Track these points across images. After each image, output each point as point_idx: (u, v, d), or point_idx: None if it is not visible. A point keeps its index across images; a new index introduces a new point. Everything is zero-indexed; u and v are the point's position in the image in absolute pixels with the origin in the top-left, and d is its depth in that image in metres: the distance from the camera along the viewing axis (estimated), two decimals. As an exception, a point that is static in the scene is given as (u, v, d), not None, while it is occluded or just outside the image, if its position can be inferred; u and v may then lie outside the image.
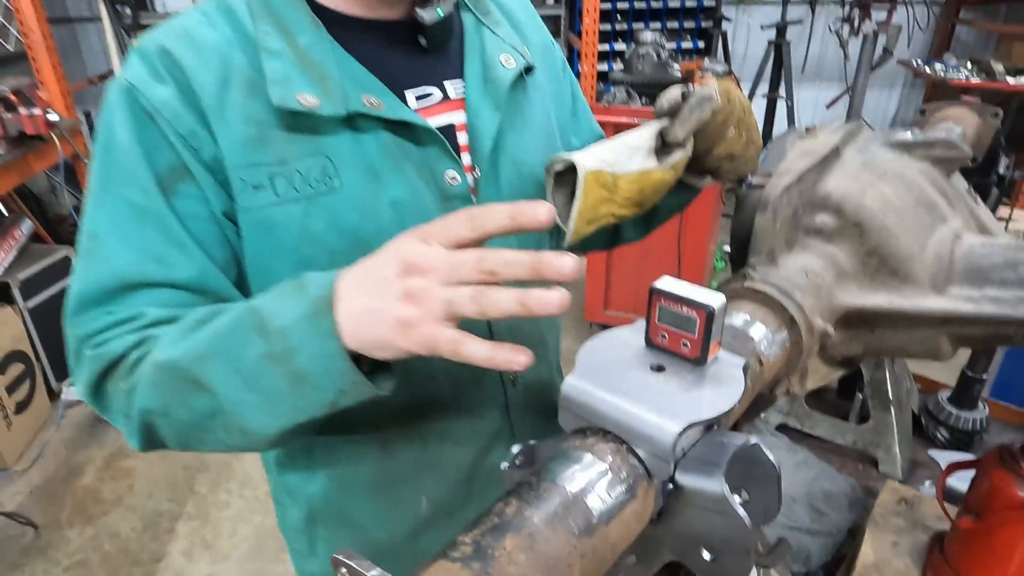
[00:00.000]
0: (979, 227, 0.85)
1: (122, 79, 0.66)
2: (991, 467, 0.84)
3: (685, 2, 4.49)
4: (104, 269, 0.65)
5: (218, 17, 0.68)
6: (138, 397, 0.62)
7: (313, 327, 0.54)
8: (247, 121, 0.65)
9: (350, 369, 0.54)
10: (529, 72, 0.80)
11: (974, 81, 3.93)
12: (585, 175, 0.70)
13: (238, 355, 0.57)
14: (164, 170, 0.64)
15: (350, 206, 0.68)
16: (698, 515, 0.53)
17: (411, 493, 0.81)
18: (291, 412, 0.58)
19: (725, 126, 0.75)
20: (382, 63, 0.71)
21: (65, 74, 3.02)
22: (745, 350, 0.66)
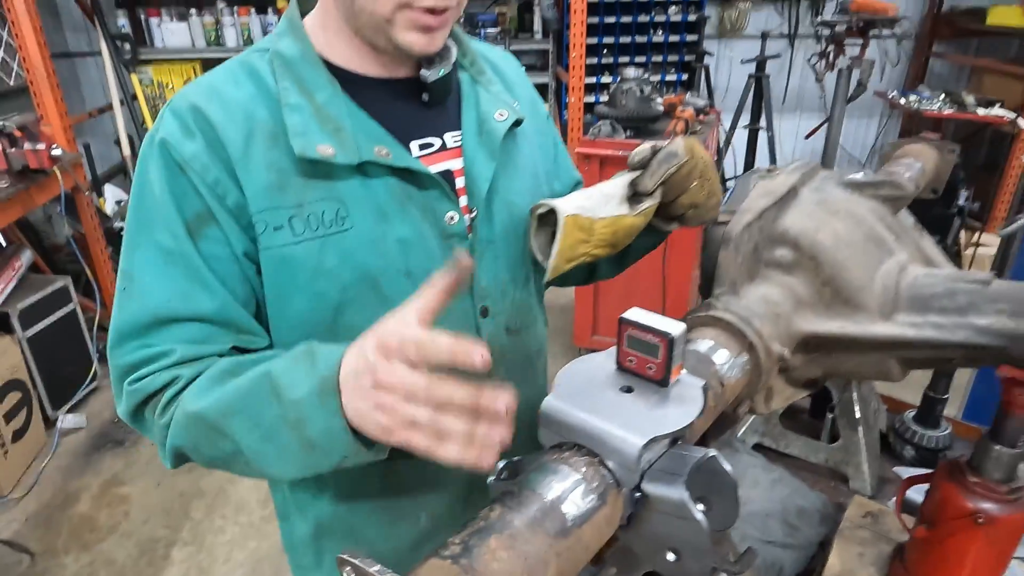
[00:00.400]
0: (924, 259, 0.93)
1: (157, 134, 0.74)
2: (941, 480, 0.90)
3: (669, 37, 4.64)
4: (138, 306, 0.73)
5: (243, 76, 0.77)
6: (171, 435, 0.71)
7: (322, 405, 0.62)
8: (269, 169, 0.73)
9: (353, 442, 0.62)
10: (519, 124, 0.89)
11: (946, 112, 4.08)
12: (565, 219, 0.79)
13: (257, 414, 0.66)
14: (191, 216, 0.73)
15: (360, 244, 0.76)
16: (662, 520, 0.60)
17: (412, 508, 0.88)
18: (303, 467, 0.67)
19: (689, 178, 0.84)
20: (390, 116, 0.79)
21: (65, 108, 3.11)
22: (707, 373, 0.74)
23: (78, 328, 3.13)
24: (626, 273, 1.13)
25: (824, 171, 0.99)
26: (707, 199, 0.86)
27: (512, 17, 4.60)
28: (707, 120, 3.10)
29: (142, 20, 4.51)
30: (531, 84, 1.01)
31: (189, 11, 4.47)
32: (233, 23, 4.48)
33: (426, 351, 0.56)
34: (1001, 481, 0.86)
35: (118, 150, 4.47)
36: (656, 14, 4.62)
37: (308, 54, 0.78)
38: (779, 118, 4.89)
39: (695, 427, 0.70)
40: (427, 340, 0.56)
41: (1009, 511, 0.85)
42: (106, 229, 3.44)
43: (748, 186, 0.95)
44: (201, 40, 4.51)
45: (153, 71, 4.45)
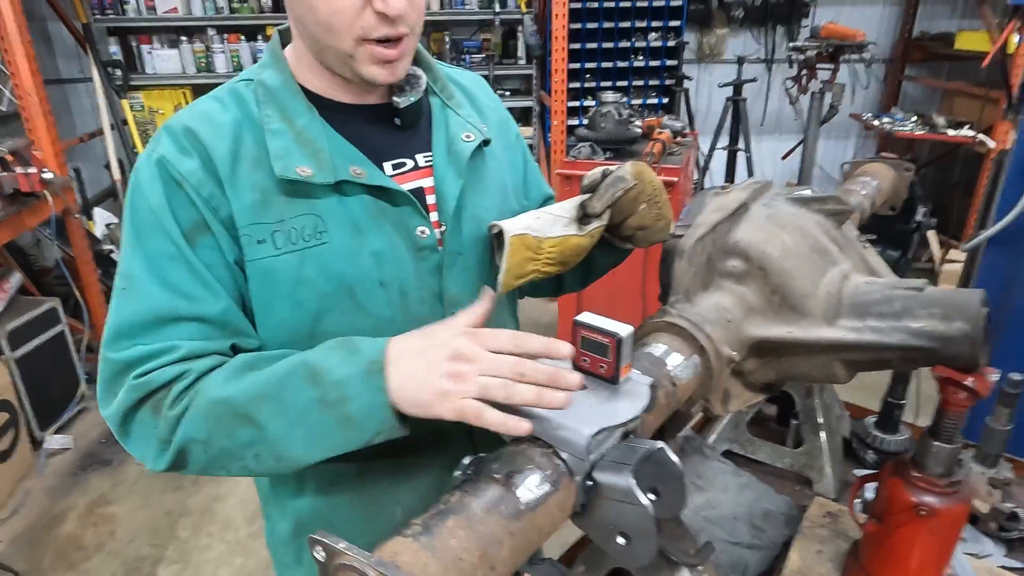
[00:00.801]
0: (868, 269, 1.00)
1: (154, 153, 0.80)
2: (888, 477, 0.96)
3: (649, 62, 4.77)
4: (140, 305, 0.77)
5: (230, 103, 0.84)
6: (183, 425, 0.74)
7: (367, 383, 0.69)
8: (253, 189, 0.80)
9: (391, 417, 0.70)
10: (487, 144, 0.96)
11: (918, 133, 4.21)
12: (511, 239, 0.85)
13: (290, 398, 0.71)
14: (188, 226, 0.78)
15: (337, 256, 0.82)
16: (613, 507, 0.65)
17: (388, 503, 0.93)
18: (331, 447, 0.73)
19: (636, 202, 0.90)
20: (365, 139, 0.86)
21: (57, 133, 3.16)
22: (660, 374, 0.79)
23: (66, 349, 3.15)
24: (608, 288, 1.19)
25: (774, 188, 1.06)
26: (655, 222, 0.92)
27: (496, 43, 4.72)
28: (684, 142, 3.20)
29: (133, 47, 4.60)
30: (502, 105, 1.08)
31: (180, 39, 4.56)
32: (223, 50, 4.57)
33: (521, 343, 0.68)
34: (941, 476, 0.92)
35: (108, 174, 4.52)
36: (636, 40, 4.76)
37: (289, 83, 0.85)
38: (758, 139, 5.01)
39: (647, 423, 0.76)
40: (522, 335, 0.68)
41: (948, 503, 0.91)
42: (96, 252, 3.48)
43: (703, 202, 1.02)
44: (191, 67, 4.59)
45: (144, 97, 4.52)
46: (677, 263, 0.92)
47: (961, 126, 4.12)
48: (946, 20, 5.15)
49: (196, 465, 0.77)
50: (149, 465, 0.79)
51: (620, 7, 4.64)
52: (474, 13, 4.64)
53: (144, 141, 4.54)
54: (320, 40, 0.79)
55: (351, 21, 0.76)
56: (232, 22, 4.53)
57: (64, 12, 4.30)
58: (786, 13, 4.98)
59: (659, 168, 2.89)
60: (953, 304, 0.84)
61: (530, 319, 4.01)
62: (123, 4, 4.35)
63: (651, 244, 0.97)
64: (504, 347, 0.68)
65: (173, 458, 0.76)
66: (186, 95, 4.61)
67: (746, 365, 0.95)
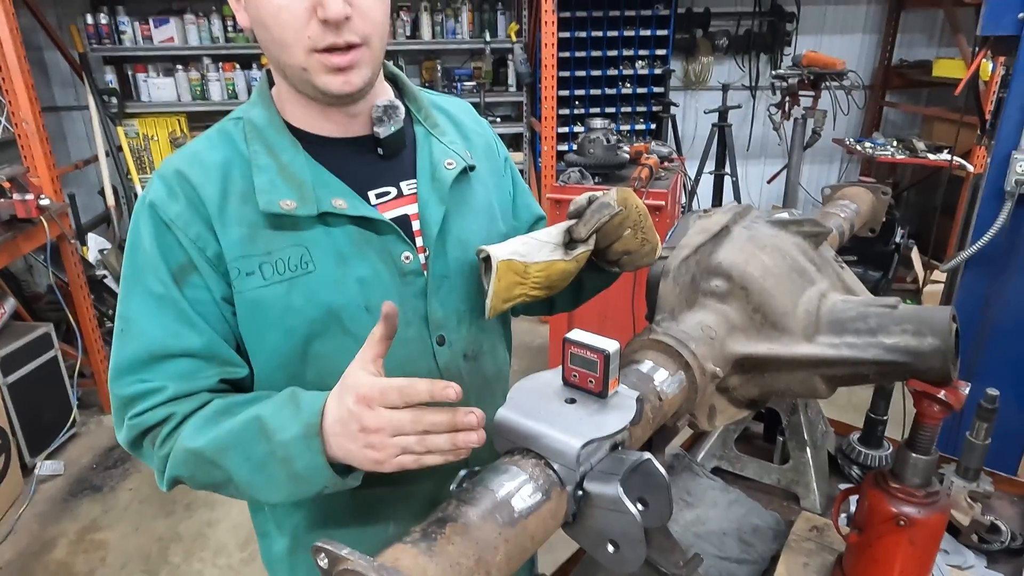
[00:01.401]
0: (845, 288, 1.04)
1: (147, 197, 0.86)
2: (868, 488, 0.99)
3: (636, 89, 4.88)
4: (135, 345, 0.84)
5: (219, 141, 0.89)
6: (169, 466, 0.83)
7: (307, 446, 0.74)
8: (241, 224, 0.84)
9: (333, 475, 0.75)
10: (471, 170, 0.99)
11: (899, 157, 4.32)
12: (498, 263, 0.87)
13: (249, 450, 0.78)
14: (176, 267, 0.84)
15: (323, 285, 0.86)
16: (602, 515, 0.68)
17: (382, 520, 0.95)
18: (289, 495, 0.80)
19: (622, 227, 0.92)
20: (348, 170, 0.89)
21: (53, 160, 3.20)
22: (647, 388, 0.83)
23: (59, 375, 3.15)
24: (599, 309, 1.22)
25: (755, 211, 1.11)
26: (641, 246, 0.95)
27: (487, 71, 4.82)
28: (672, 167, 3.27)
29: (129, 76, 4.66)
30: (490, 129, 1.11)
31: (175, 67, 4.62)
32: (218, 78, 4.64)
33: (408, 395, 0.69)
34: (919, 486, 0.96)
35: (102, 200, 4.55)
36: (624, 68, 4.87)
37: (274, 120, 0.89)
38: (744, 164, 5.11)
39: (635, 436, 0.79)
40: (407, 386, 0.69)
41: (927, 513, 0.94)
42: (89, 277, 3.50)
43: (687, 225, 1.06)
44: (187, 94, 4.66)
45: (139, 124, 4.57)
46: (662, 283, 0.96)
47: (940, 150, 4.22)
48: (924, 48, 5.31)
49: (195, 488, 0.86)
50: (158, 484, 0.88)
51: (608, 36, 4.77)
52: (465, 42, 4.74)
53: (138, 167, 4.58)
54: (279, 59, 0.83)
55: (299, 33, 0.78)
56: (227, 51, 4.60)
57: (62, 42, 4.37)
58: (769, 42, 5.12)
59: (647, 192, 2.95)
60: (924, 320, 0.88)
61: (522, 342, 4.04)
62: (120, 34, 4.41)
63: (637, 268, 0.99)
64: (396, 404, 0.70)
65: (172, 484, 0.87)
66: (181, 122, 4.67)
67: (730, 381, 0.99)
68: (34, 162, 3.07)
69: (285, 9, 0.77)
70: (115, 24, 4.39)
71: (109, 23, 4.37)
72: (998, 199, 2.03)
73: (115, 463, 3.11)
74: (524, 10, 4.78)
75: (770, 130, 4.15)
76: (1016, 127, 1.97)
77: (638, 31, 4.78)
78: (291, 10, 0.77)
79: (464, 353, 0.98)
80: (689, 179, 4.30)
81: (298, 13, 0.77)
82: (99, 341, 3.41)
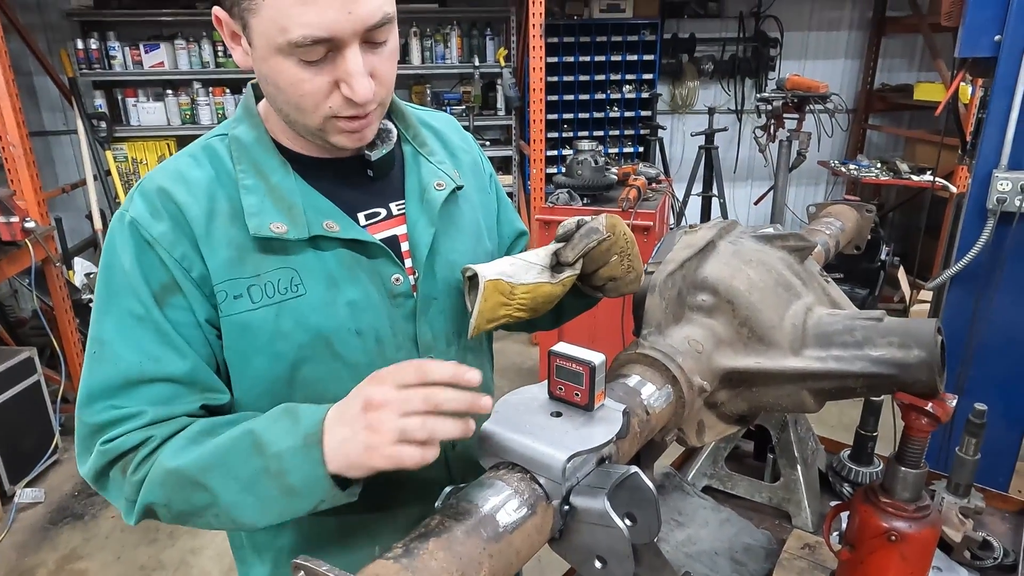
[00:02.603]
0: (830, 302, 1.04)
1: (127, 214, 0.82)
2: (859, 504, 0.98)
3: (624, 113, 4.94)
4: (109, 369, 0.79)
5: (204, 159, 0.86)
6: (143, 491, 0.77)
7: (305, 456, 0.70)
8: (228, 245, 0.81)
9: (332, 487, 0.71)
10: (460, 189, 0.98)
11: (883, 179, 4.38)
12: (485, 283, 0.87)
13: (237, 467, 0.73)
14: (158, 287, 0.80)
15: (313, 308, 0.84)
16: (589, 530, 0.67)
17: (367, 542, 0.93)
18: (279, 513, 0.75)
19: (609, 253, 0.91)
20: (338, 192, 0.88)
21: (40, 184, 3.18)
22: (634, 403, 0.82)
23: (41, 400, 3.10)
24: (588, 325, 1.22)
25: (740, 226, 1.11)
26: (626, 273, 0.94)
27: (476, 95, 4.86)
28: (659, 188, 3.30)
29: (119, 100, 4.67)
30: (475, 146, 1.10)
31: (165, 92, 4.64)
32: (208, 102, 4.66)
33: (425, 371, 0.67)
34: (909, 500, 0.95)
35: (89, 224, 4.53)
36: (612, 92, 4.94)
37: (262, 139, 0.86)
38: (732, 186, 5.17)
39: (622, 450, 0.78)
40: (427, 362, 0.68)
41: (917, 528, 0.93)
42: (74, 301, 3.46)
43: (673, 240, 1.07)
44: (176, 119, 4.67)
45: (127, 147, 4.57)
46: (649, 298, 0.96)
47: (924, 172, 4.29)
48: (905, 72, 5.42)
49: (164, 520, 0.80)
50: (124, 518, 0.82)
51: (595, 61, 4.84)
52: (454, 67, 4.80)
53: (127, 191, 4.57)
54: (289, 115, 0.82)
55: (319, 103, 0.78)
56: (217, 76, 4.63)
57: (51, 67, 4.38)
58: (753, 66, 5.21)
59: (635, 213, 2.97)
60: (910, 333, 0.88)
61: (512, 364, 4.02)
62: (110, 59, 4.43)
63: (621, 295, 0.98)
64: (409, 381, 0.67)
65: (140, 516, 0.80)
66: (170, 146, 4.67)
67: (719, 396, 0.98)
68: (20, 185, 3.05)
69: (306, 83, 0.76)
70: (105, 49, 4.41)
71: (99, 48, 4.39)
72: (981, 217, 2.06)
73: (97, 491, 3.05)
74: (512, 36, 4.85)
75: (756, 152, 4.21)
76: (996, 147, 2.01)
77: (625, 56, 4.86)
78: (312, 83, 0.76)
79: None
80: (677, 201, 4.34)
81: (320, 87, 0.76)
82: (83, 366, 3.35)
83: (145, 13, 4.45)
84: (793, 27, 5.24)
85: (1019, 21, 1.90)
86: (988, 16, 1.95)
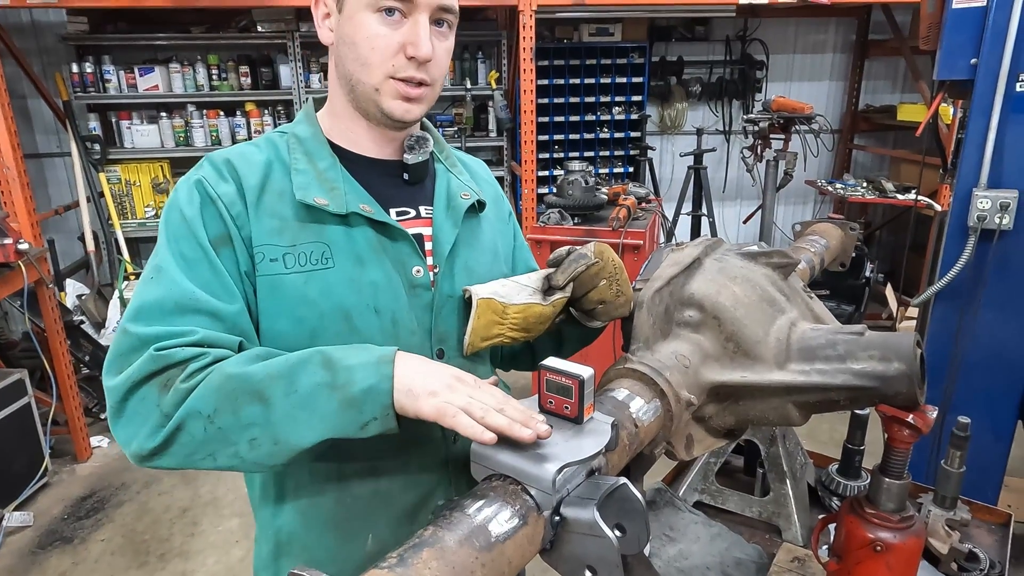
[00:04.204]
0: (814, 317, 1.07)
1: (196, 176, 0.92)
2: (845, 515, 1.00)
3: (614, 134, 5.01)
4: (165, 291, 0.85)
5: (265, 146, 0.98)
6: (193, 397, 0.78)
7: (376, 369, 0.78)
8: (272, 216, 0.92)
9: (389, 404, 0.76)
10: (482, 207, 1.08)
11: (869, 198, 4.45)
12: (478, 301, 0.93)
13: (303, 380, 0.78)
14: (215, 236, 0.89)
15: (339, 281, 0.92)
16: (579, 541, 0.68)
17: (362, 529, 0.96)
18: (326, 429, 0.78)
19: (597, 277, 0.98)
20: (376, 187, 0.98)
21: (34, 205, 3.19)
22: (623, 416, 0.84)
23: (32, 423, 3.08)
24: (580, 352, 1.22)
25: (725, 244, 1.14)
26: (615, 297, 1.00)
27: (468, 117, 4.92)
28: (649, 207, 3.34)
29: (113, 123, 4.69)
30: (499, 186, 1.21)
31: (159, 114, 4.67)
32: (202, 125, 4.69)
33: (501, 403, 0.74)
34: (894, 511, 0.97)
35: (81, 246, 4.53)
36: (602, 113, 5.02)
37: (317, 135, 0.99)
38: (720, 205, 5.23)
39: (612, 462, 0.80)
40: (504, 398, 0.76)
41: (902, 538, 0.95)
42: (66, 323, 3.45)
43: (660, 258, 1.09)
44: (170, 141, 4.69)
45: (121, 170, 4.58)
46: (637, 314, 0.99)
47: (909, 190, 4.36)
48: (888, 94, 5.53)
49: (188, 446, 0.79)
50: (137, 445, 0.80)
51: (585, 83, 4.92)
52: (446, 90, 4.85)
53: (120, 213, 4.58)
54: (356, 75, 0.93)
55: (385, 60, 0.90)
56: (212, 99, 4.67)
57: (46, 90, 4.41)
58: (740, 88, 5.31)
59: (625, 232, 3.01)
60: (890, 346, 0.91)
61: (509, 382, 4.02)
62: (105, 82, 4.47)
63: (611, 319, 1.03)
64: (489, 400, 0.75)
65: (168, 434, 0.78)
66: (164, 168, 4.69)
67: (707, 410, 1.00)
68: (14, 207, 3.06)
69: (381, 37, 0.90)
70: (100, 73, 4.44)
71: (94, 72, 4.42)
72: (962, 235, 2.11)
73: (87, 513, 3.02)
74: (504, 59, 4.93)
75: (744, 172, 4.28)
76: (975, 166, 2.06)
77: (614, 78, 4.94)
78: (385, 39, 0.90)
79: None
80: (667, 220, 4.39)
81: (391, 43, 0.90)
82: (74, 388, 3.34)
83: (140, 37, 4.49)
84: (778, 50, 5.35)
85: (994, 45, 1.96)
86: (964, 40, 2.01)
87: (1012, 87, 1.96)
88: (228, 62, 4.63)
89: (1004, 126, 2.00)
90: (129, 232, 4.61)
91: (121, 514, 3.02)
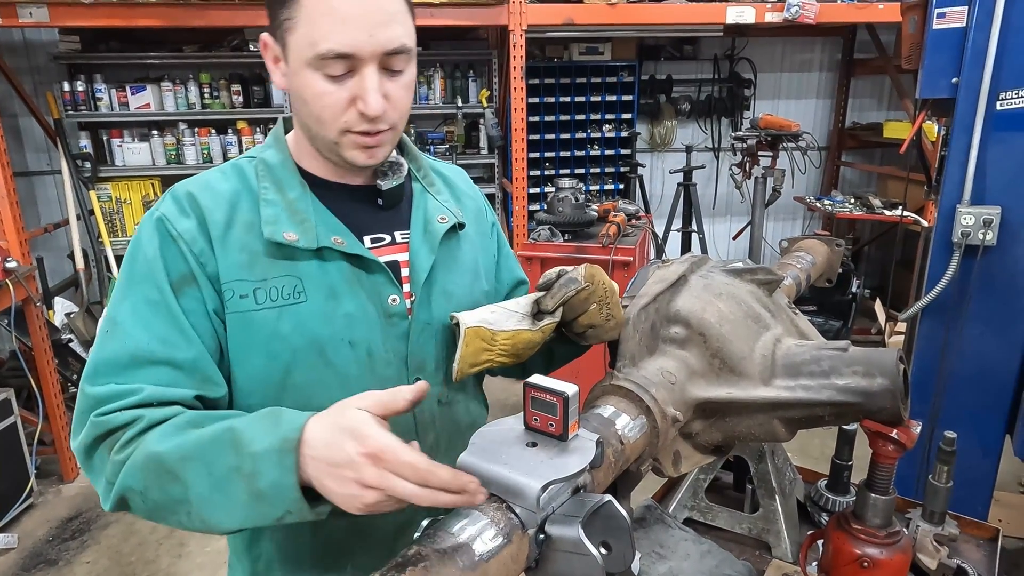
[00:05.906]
0: (799, 333, 1.08)
1: (158, 212, 0.89)
2: (832, 531, 1.01)
3: (604, 151, 5.05)
4: (118, 346, 0.83)
5: (232, 174, 0.95)
6: (123, 473, 0.77)
7: (279, 461, 0.70)
8: (242, 251, 0.89)
9: (300, 499, 0.71)
10: (461, 227, 1.05)
11: (856, 214, 4.50)
12: (466, 330, 0.92)
13: (213, 462, 0.73)
14: (177, 277, 0.86)
15: (312, 315, 0.90)
16: (565, 559, 0.68)
17: (342, 559, 0.94)
18: (244, 519, 0.74)
19: (587, 302, 0.95)
20: (349, 215, 0.96)
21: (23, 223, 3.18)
22: (609, 433, 0.84)
23: (17, 442, 3.04)
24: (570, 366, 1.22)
25: (711, 261, 1.15)
26: (605, 321, 0.97)
27: (459, 135, 4.96)
28: (639, 224, 3.36)
29: (104, 141, 4.69)
30: (481, 196, 1.19)
31: (151, 132, 4.67)
32: (194, 143, 4.69)
33: (424, 478, 0.65)
34: (880, 526, 0.97)
35: (71, 264, 4.50)
36: (592, 131, 5.06)
37: (286, 162, 0.96)
38: (711, 222, 5.27)
39: (597, 480, 0.80)
40: (427, 470, 0.65)
41: (888, 554, 0.95)
42: (54, 342, 3.43)
43: (646, 275, 1.10)
44: (162, 159, 4.69)
45: (112, 188, 4.57)
46: (623, 330, 0.99)
47: (896, 207, 4.41)
48: (874, 112, 5.61)
49: (139, 513, 0.80)
50: (103, 503, 0.82)
51: (575, 101, 4.96)
52: (437, 108, 4.89)
53: (110, 231, 4.57)
54: (311, 128, 0.91)
55: (336, 117, 0.87)
56: (203, 117, 4.68)
57: (37, 108, 4.41)
58: (728, 106, 5.38)
59: (615, 249, 3.02)
60: (873, 362, 0.92)
61: (497, 400, 3.99)
62: (96, 100, 4.47)
63: (601, 342, 1.01)
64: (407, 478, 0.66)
65: (116, 501, 0.80)
66: (155, 186, 4.69)
67: (693, 427, 1.00)
68: (2, 225, 3.05)
69: (328, 95, 0.86)
70: (92, 91, 4.45)
71: (86, 90, 4.42)
72: (947, 251, 2.13)
73: (72, 535, 2.98)
74: (494, 77, 4.97)
75: (733, 189, 4.32)
76: (958, 183, 2.09)
77: (604, 96, 4.99)
78: (333, 96, 0.86)
79: (439, 399, 1.01)
80: (657, 236, 4.42)
81: (339, 100, 0.86)
82: (62, 407, 3.31)
83: (132, 56, 4.50)
84: (766, 68, 5.42)
85: (974, 64, 2.00)
86: (945, 60, 2.05)
87: (993, 105, 2.00)
88: (220, 80, 4.65)
89: (986, 144, 2.03)
90: (119, 250, 4.59)
91: (107, 536, 2.98)
